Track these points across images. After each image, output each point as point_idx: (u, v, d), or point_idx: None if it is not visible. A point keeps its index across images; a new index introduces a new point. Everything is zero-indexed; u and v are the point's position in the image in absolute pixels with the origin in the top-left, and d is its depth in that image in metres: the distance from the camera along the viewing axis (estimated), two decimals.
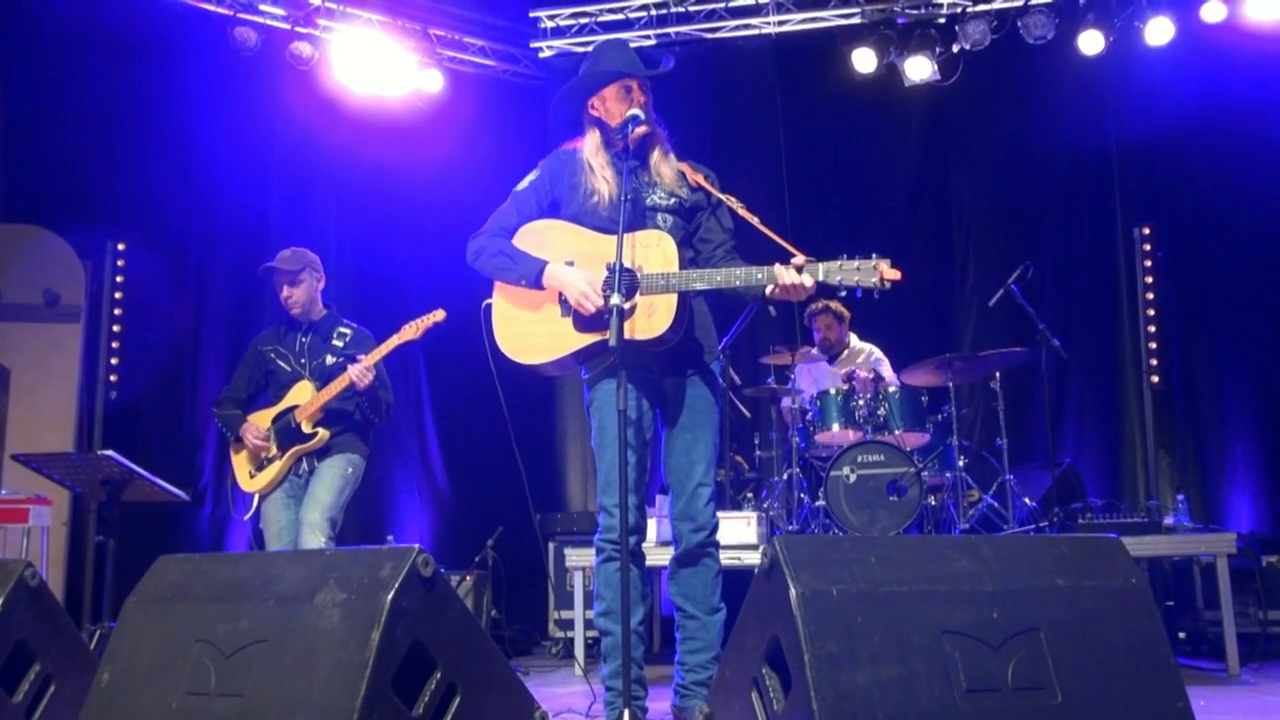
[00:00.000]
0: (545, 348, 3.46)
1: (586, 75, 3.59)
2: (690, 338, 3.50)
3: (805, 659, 2.02)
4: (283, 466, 4.84)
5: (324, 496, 4.75)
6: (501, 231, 3.60)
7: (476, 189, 8.04)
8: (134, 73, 7.32)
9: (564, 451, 8.19)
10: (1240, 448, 7.33)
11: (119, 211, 7.26)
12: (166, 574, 2.62)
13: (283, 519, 4.84)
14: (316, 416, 4.83)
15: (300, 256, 5.01)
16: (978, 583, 2.21)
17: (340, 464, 4.86)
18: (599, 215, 3.50)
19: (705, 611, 3.52)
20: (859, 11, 7.87)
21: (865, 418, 6.23)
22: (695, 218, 3.61)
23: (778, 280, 3.24)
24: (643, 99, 3.53)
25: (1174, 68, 7.34)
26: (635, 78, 3.53)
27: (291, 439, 4.84)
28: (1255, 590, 5.93)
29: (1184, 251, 7.52)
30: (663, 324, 3.30)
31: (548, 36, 8.45)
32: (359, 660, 2.13)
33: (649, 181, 3.56)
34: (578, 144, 3.65)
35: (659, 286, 3.29)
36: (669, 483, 3.60)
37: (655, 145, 3.59)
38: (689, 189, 3.58)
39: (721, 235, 3.62)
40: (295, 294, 4.97)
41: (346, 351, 4.93)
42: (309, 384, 4.88)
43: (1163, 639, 2.24)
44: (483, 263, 3.58)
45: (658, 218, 3.52)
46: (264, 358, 5.03)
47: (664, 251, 3.34)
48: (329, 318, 5.09)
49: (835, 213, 8.17)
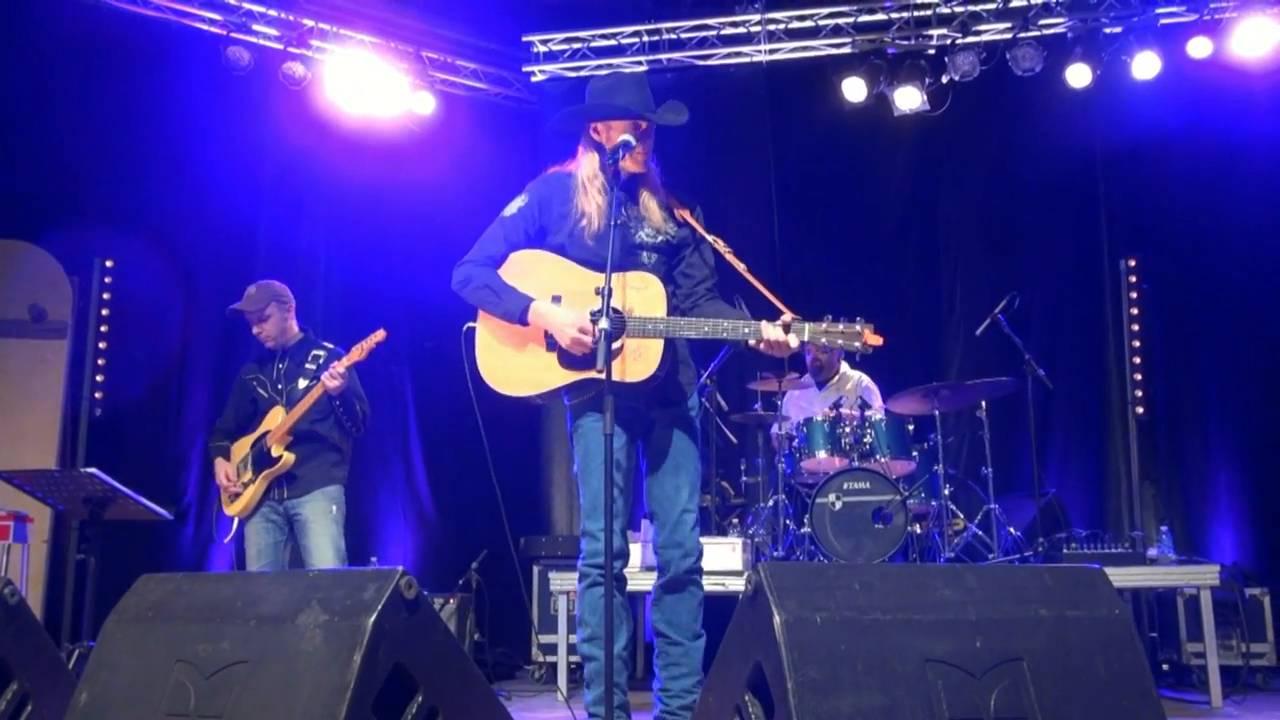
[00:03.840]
0: (530, 381, 3.49)
1: (600, 104, 3.59)
2: (674, 372, 3.53)
3: (788, 686, 2.02)
4: (256, 490, 4.94)
5: (327, 554, 4.85)
6: (488, 260, 3.59)
7: (467, 210, 8.05)
8: (126, 90, 7.31)
9: (549, 475, 8.17)
10: (1224, 479, 7.35)
11: (107, 227, 7.23)
12: (147, 593, 2.61)
13: (261, 541, 4.96)
14: (285, 440, 4.94)
15: (264, 292, 5.14)
16: (961, 612, 2.21)
17: (323, 508, 4.94)
18: (585, 245, 3.50)
19: (689, 638, 3.53)
20: (850, 41, 7.94)
21: (851, 445, 6.24)
22: (680, 254, 3.63)
23: (763, 336, 3.29)
24: (649, 143, 3.54)
25: (1160, 102, 7.41)
26: (646, 120, 3.53)
27: (263, 463, 4.95)
28: (1238, 622, 5.94)
29: (1169, 284, 7.57)
30: (648, 368, 3.35)
31: (540, 61, 8.49)
32: (340, 682, 2.12)
33: (637, 216, 3.57)
34: (569, 167, 3.64)
35: (647, 331, 3.33)
36: (653, 511, 3.61)
37: (647, 184, 3.60)
38: (675, 225, 3.60)
39: (704, 271, 3.65)
40: (265, 329, 5.13)
41: (318, 374, 5.01)
42: (281, 409, 5.00)
43: (1145, 670, 2.25)
44: (468, 293, 3.57)
45: (642, 255, 3.54)
46: (248, 387, 5.18)
47: (652, 294, 3.38)
48: (304, 341, 5.20)
49: (824, 241, 8.20)
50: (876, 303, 8.04)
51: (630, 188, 3.56)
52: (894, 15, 7.84)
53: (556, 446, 8.17)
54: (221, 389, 7.61)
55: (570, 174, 3.61)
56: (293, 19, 7.74)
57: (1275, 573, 6.61)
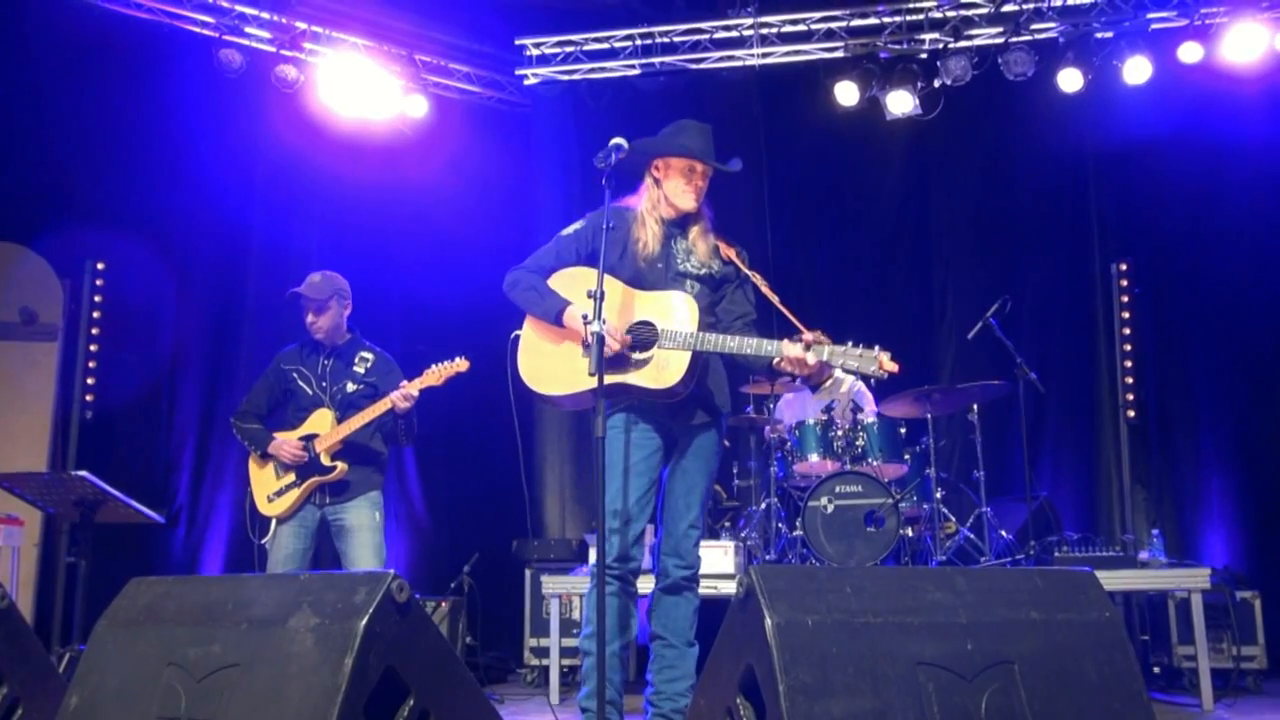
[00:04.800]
0: (562, 381, 3.70)
1: (670, 140, 3.83)
2: (704, 390, 3.74)
3: (780, 689, 2.02)
4: (300, 495, 4.83)
5: (370, 563, 4.82)
6: (539, 269, 3.84)
7: (460, 213, 8.14)
8: (117, 92, 7.29)
9: (542, 478, 8.16)
10: (1215, 483, 7.37)
11: (99, 230, 7.20)
12: (138, 596, 2.60)
13: (291, 547, 4.84)
14: (336, 449, 4.84)
15: (329, 282, 5.00)
16: (952, 615, 2.22)
17: (367, 515, 4.90)
18: (636, 267, 3.76)
19: (683, 643, 3.67)
20: (842, 45, 7.95)
21: (844, 448, 6.25)
22: (722, 289, 3.87)
23: (784, 354, 3.48)
24: (702, 184, 3.82)
25: (1152, 107, 7.42)
26: (706, 163, 3.80)
27: (310, 469, 4.84)
28: (1229, 625, 5.95)
29: (1161, 288, 7.58)
30: (674, 378, 3.56)
31: (533, 64, 8.49)
32: (331, 686, 2.12)
33: (686, 249, 3.83)
34: (628, 201, 3.89)
35: (675, 343, 3.57)
36: (663, 518, 3.78)
37: (698, 222, 3.85)
38: (721, 263, 3.85)
39: (745, 308, 3.89)
40: (320, 321, 4.97)
41: (367, 379, 4.97)
42: (329, 413, 4.89)
43: (1135, 673, 2.25)
44: (516, 293, 3.82)
45: (687, 283, 3.77)
46: (286, 376, 5.01)
47: (685, 312, 3.62)
48: (352, 342, 5.09)
49: (816, 244, 8.22)
50: (868, 306, 8.06)
51: (683, 223, 3.85)
52: (886, 19, 7.85)
53: (549, 449, 8.17)
54: (213, 392, 7.62)
55: (629, 207, 3.87)
56: (285, 21, 7.73)
57: (1266, 576, 6.62)
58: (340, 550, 4.89)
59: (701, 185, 3.82)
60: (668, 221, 3.83)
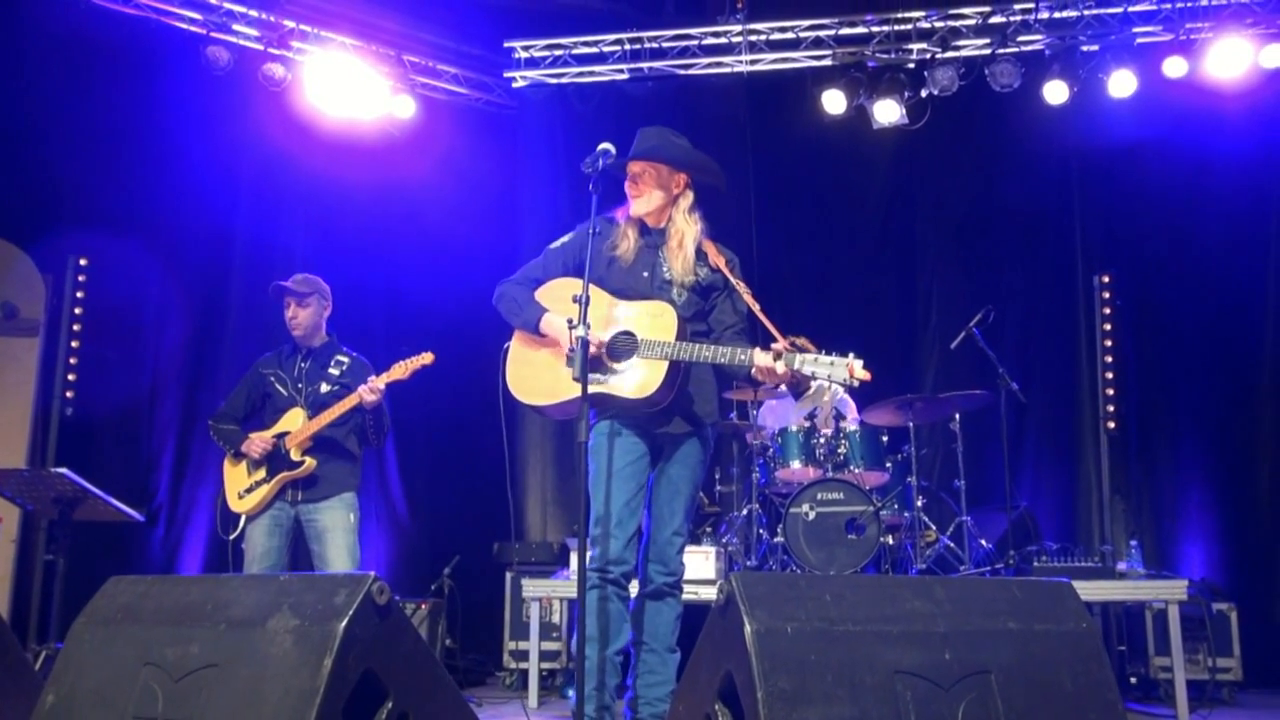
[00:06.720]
0: (545, 391, 3.75)
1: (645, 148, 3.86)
2: (689, 399, 3.78)
3: (758, 696, 2.03)
4: (270, 491, 4.88)
5: (344, 564, 4.83)
6: (527, 281, 3.92)
7: (447, 214, 8.12)
8: (103, 88, 7.25)
9: (523, 481, 8.14)
10: (1194, 495, 7.41)
11: (82, 226, 7.15)
12: (116, 595, 2.59)
13: (265, 544, 4.89)
14: (306, 445, 4.90)
15: (312, 282, 5.13)
16: (931, 624, 2.23)
17: (341, 516, 4.93)
18: (619, 276, 3.81)
19: (665, 649, 3.71)
20: (830, 54, 7.98)
21: (825, 455, 6.27)
22: (710, 297, 3.89)
23: (754, 363, 3.51)
24: (640, 186, 3.85)
25: (1136, 120, 7.47)
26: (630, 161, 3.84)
27: (279, 464, 4.89)
28: (1205, 637, 5.99)
29: (1142, 300, 7.63)
30: (652, 387, 3.59)
31: (521, 67, 8.49)
32: (310, 688, 2.12)
33: (667, 258, 3.85)
34: (615, 213, 3.94)
35: (654, 353, 3.60)
36: (648, 524, 3.80)
37: (677, 230, 3.86)
38: (709, 270, 3.86)
39: (734, 318, 3.90)
40: (300, 315, 5.06)
41: (342, 380, 5.02)
42: (301, 411, 4.94)
43: (1111, 684, 2.27)
44: (502, 305, 3.92)
45: (673, 291, 3.80)
46: (263, 380, 5.10)
47: (665, 322, 3.65)
48: (329, 345, 5.17)
49: (801, 252, 8.22)
50: (853, 314, 8.08)
51: (664, 231, 3.89)
52: (874, 29, 7.89)
53: (531, 453, 8.15)
54: (194, 391, 7.57)
55: (614, 218, 3.93)
56: (273, 20, 7.71)
57: (1243, 588, 6.66)
58: (314, 550, 4.94)
59: (640, 187, 3.84)
60: (649, 230, 3.87)
